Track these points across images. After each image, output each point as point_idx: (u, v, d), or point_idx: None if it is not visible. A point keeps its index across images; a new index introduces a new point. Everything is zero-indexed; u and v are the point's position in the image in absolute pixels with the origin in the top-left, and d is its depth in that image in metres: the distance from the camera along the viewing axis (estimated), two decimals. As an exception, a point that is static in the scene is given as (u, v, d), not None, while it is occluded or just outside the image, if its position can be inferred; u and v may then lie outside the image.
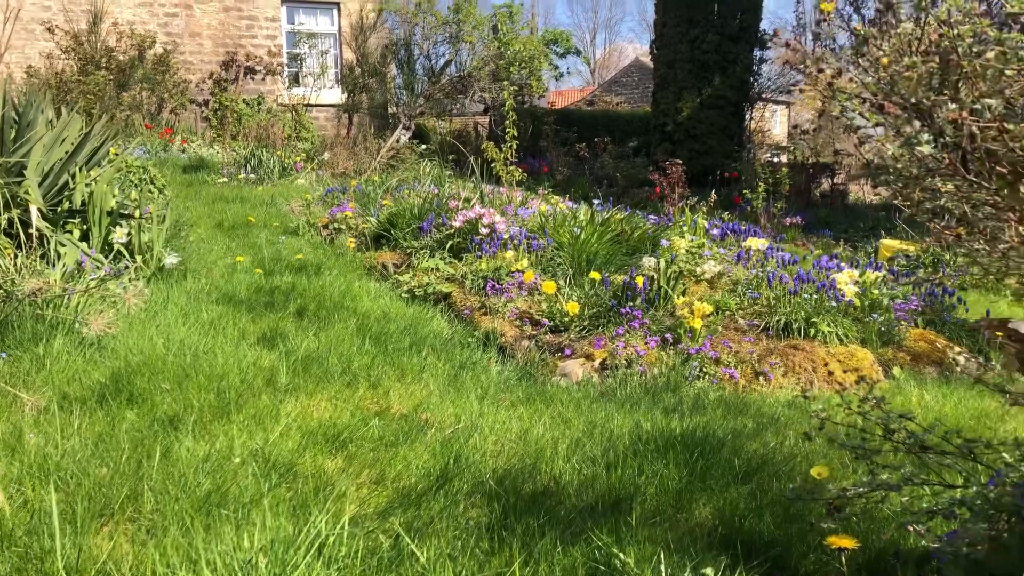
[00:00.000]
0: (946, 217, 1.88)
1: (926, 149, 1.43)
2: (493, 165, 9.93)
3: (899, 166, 1.48)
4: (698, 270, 5.38)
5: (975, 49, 1.31)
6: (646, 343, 4.25)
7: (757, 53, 16.59)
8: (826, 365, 4.62)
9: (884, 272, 5.58)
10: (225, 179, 12.17)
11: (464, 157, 12.46)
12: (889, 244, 10.33)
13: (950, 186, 1.55)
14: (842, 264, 6.02)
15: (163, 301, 4.70)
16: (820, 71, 1.62)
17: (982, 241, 1.70)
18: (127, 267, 4.87)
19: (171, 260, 5.19)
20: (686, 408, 3.66)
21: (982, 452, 2.02)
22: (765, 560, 2.22)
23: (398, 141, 14.20)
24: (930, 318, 5.44)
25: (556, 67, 34.30)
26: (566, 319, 4.61)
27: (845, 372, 4.64)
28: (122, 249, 5.09)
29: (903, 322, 5.11)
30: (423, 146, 14.71)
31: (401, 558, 2.05)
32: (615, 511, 2.47)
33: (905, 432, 2.09)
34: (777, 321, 4.87)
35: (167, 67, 14.28)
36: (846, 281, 5.28)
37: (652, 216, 8.15)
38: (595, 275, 4.72)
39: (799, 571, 2.22)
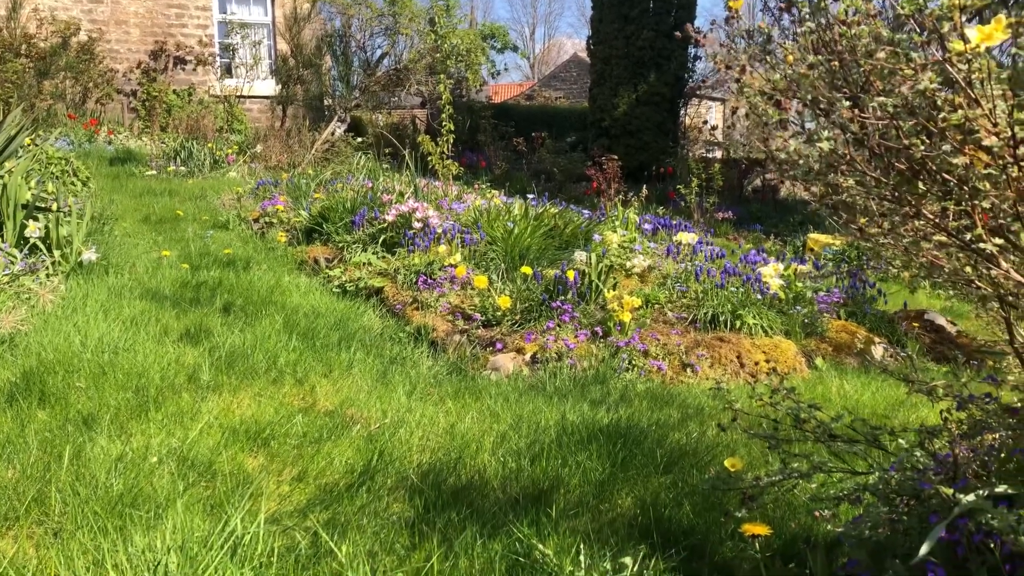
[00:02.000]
0: (854, 211, 1.94)
1: (825, 146, 1.47)
2: (430, 159, 9.89)
3: (800, 161, 1.52)
4: (628, 264, 5.44)
5: (870, 48, 1.35)
6: (576, 337, 4.28)
7: (692, 50, 16.82)
8: (751, 356, 4.72)
9: (809, 266, 5.72)
10: (154, 172, 11.86)
11: (401, 151, 12.37)
12: (817, 238, 10.60)
13: (851, 181, 1.59)
14: (769, 258, 6.16)
15: (82, 297, 4.56)
16: (728, 67, 1.65)
17: (884, 235, 1.75)
18: (44, 262, 4.71)
19: (90, 255, 5.03)
20: (613, 400, 3.70)
21: (886, 439, 2.08)
22: (683, 548, 2.25)
23: (333, 134, 14.02)
24: (852, 310, 5.60)
25: (493, 63, 34.26)
26: (498, 313, 4.61)
27: (769, 363, 4.75)
28: (38, 243, 4.91)
29: (826, 314, 5.26)
30: (359, 139, 14.55)
31: (319, 556, 2.03)
32: (538, 503, 2.48)
33: (815, 421, 2.14)
34: (705, 314, 4.96)
35: (91, 56, 13.84)
36: (771, 274, 5.40)
37: (587, 211, 8.22)
38: (527, 269, 4.73)
39: (715, 558, 2.26)
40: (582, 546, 2.14)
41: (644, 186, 12.16)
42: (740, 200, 16.00)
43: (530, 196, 7.58)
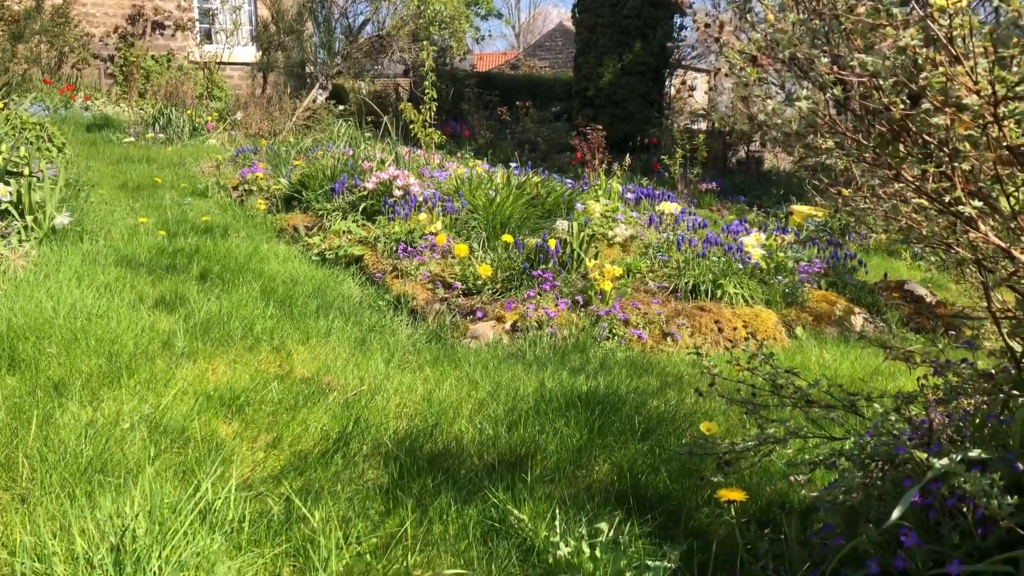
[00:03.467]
0: (834, 175, 1.91)
1: (804, 105, 1.44)
2: (412, 127, 9.79)
3: (779, 122, 1.49)
4: (610, 233, 5.41)
5: (851, 3, 1.32)
6: (556, 305, 4.26)
7: (678, 20, 16.70)
8: (731, 325, 4.72)
9: (791, 236, 5.72)
10: (132, 139, 11.69)
11: (383, 119, 12.23)
12: (800, 210, 10.60)
13: (831, 143, 1.57)
14: (751, 229, 6.15)
15: (55, 263, 4.49)
16: (707, 26, 1.61)
17: (864, 199, 1.72)
18: (15, 227, 4.62)
19: (62, 220, 4.94)
20: (593, 368, 3.69)
21: (863, 405, 2.08)
22: (659, 514, 2.25)
23: (314, 101, 13.84)
24: (832, 280, 5.61)
25: (477, 29, 33.85)
26: (479, 282, 4.58)
27: (750, 332, 4.75)
28: (10, 208, 4.82)
29: (806, 284, 5.26)
30: (340, 107, 14.39)
31: (292, 522, 2.01)
32: (515, 469, 2.47)
33: (792, 387, 2.13)
34: (686, 283, 4.95)
35: (67, 19, 13.55)
36: (753, 244, 5.40)
37: (570, 181, 8.17)
38: (508, 238, 4.69)
39: (691, 524, 2.26)
40: (558, 511, 2.13)
41: (628, 156, 12.11)
42: (724, 172, 15.99)
43: (513, 165, 7.52)
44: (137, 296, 4.14)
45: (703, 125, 17.93)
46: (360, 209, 6.09)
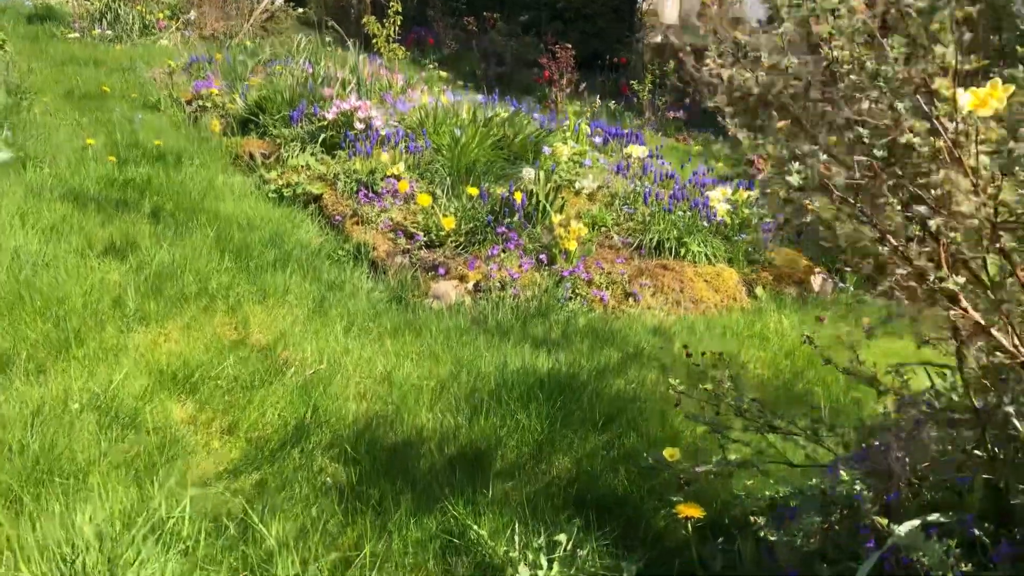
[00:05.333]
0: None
1: (795, 180, 1.38)
2: (375, 41, 9.43)
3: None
4: (577, 185, 5.32)
5: (856, 84, 1.24)
6: (520, 267, 4.20)
7: (654, -69, 16.08)
8: (694, 285, 4.73)
9: (757, 191, 5.67)
10: (77, 35, 11.08)
11: (346, 23, 11.72)
12: (765, 145, 10.57)
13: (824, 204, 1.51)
14: (716, 178, 6.09)
15: (-3, 198, 4.28)
16: None
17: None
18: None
19: (3, 156, 4.69)
20: (555, 338, 3.67)
21: (826, 434, 2.09)
22: (618, 524, 2.27)
23: (273, 2, 13.20)
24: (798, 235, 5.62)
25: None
26: (442, 233, 4.49)
27: (710, 292, 4.77)
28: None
29: (770, 242, 5.25)
30: (300, 9, 13.79)
31: (247, 538, 1.98)
32: (475, 468, 2.47)
33: (756, 410, 2.13)
34: (651, 240, 4.91)
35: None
36: (719, 199, 5.35)
37: (539, 116, 7.96)
38: (473, 190, 4.57)
39: (649, 533, 2.29)
40: (516, 524, 2.14)
41: (598, 77, 11.84)
42: (694, 97, 15.79)
43: (480, 98, 7.30)
44: (86, 240, 3.97)
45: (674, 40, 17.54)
46: (319, 141, 5.88)
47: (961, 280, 1.43)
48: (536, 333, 3.73)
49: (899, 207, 1.45)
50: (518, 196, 4.60)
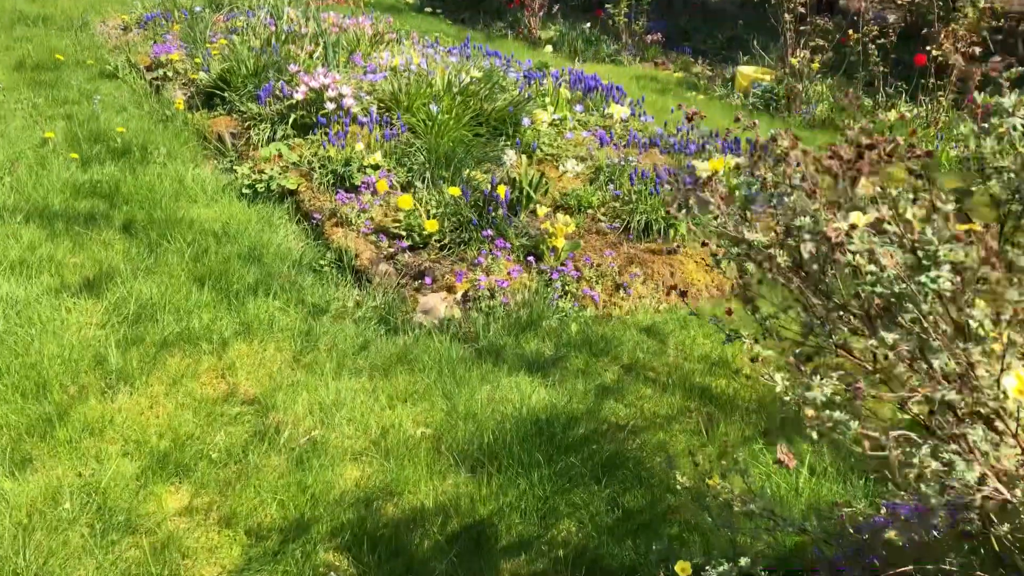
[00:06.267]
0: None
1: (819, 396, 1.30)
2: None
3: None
4: (561, 168, 5.16)
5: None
6: (509, 274, 4.10)
7: None
8: (683, 268, 4.65)
9: (743, 158, 5.52)
10: (19, -19, 10.48)
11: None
12: (745, 72, 10.30)
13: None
14: (699, 136, 5.92)
15: (-41, 229, 4.10)
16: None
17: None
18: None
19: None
20: (548, 356, 3.61)
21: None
22: (625, 606, 2.27)
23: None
24: (783, 200, 5.52)
25: None
26: (424, 233, 4.36)
27: (701, 274, 4.70)
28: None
29: (758, 214, 5.15)
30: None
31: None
32: (479, 545, 2.45)
33: (765, 514, 2.10)
34: (638, 222, 4.81)
35: None
36: (706, 169, 5.22)
37: (504, 56, 7.67)
38: (454, 191, 4.41)
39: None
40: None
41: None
42: (669, 10, 15.30)
43: (452, 57, 6.99)
44: (58, 277, 3.83)
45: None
46: (290, 122, 5.65)
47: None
48: (530, 350, 3.66)
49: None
50: (501, 191, 4.45)
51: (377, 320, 3.80)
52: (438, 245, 4.39)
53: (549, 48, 12.05)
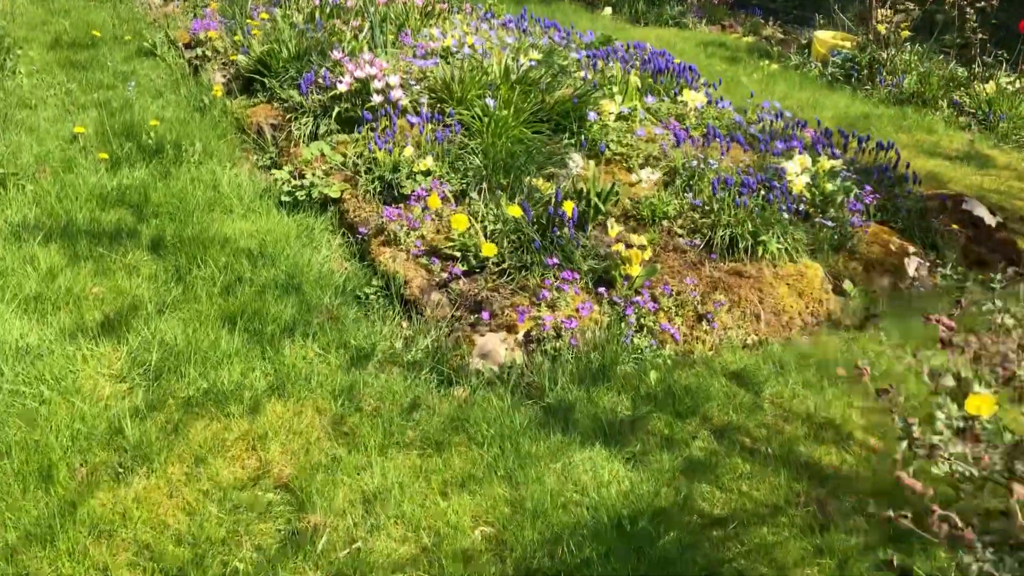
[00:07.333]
0: None
1: None
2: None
3: None
4: (633, 177, 4.60)
5: None
6: (577, 310, 3.59)
7: None
8: (774, 291, 4.10)
9: (840, 162, 4.89)
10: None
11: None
12: (823, 38, 9.47)
13: None
14: (791, 151, 5.30)
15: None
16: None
17: None
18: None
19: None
20: (625, 417, 3.13)
21: None
22: None
23: None
24: (882, 203, 4.89)
25: None
26: (482, 256, 3.87)
27: (794, 298, 4.14)
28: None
29: (857, 224, 4.55)
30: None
31: None
32: None
33: None
34: (721, 237, 4.25)
35: None
36: (795, 172, 4.62)
37: (563, 29, 7.03)
38: (515, 211, 3.88)
39: None
40: None
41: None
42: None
43: (508, 23, 6.40)
44: (77, 315, 3.44)
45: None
46: (334, 115, 5.17)
47: None
48: (604, 406, 3.18)
49: None
50: (568, 208, 3.93)
51: (429, 368, 3.34)
52: (496, 269, 3.89)
53: (608, 10, 11.31)
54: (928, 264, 4.61)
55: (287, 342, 3.37)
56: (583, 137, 4.89)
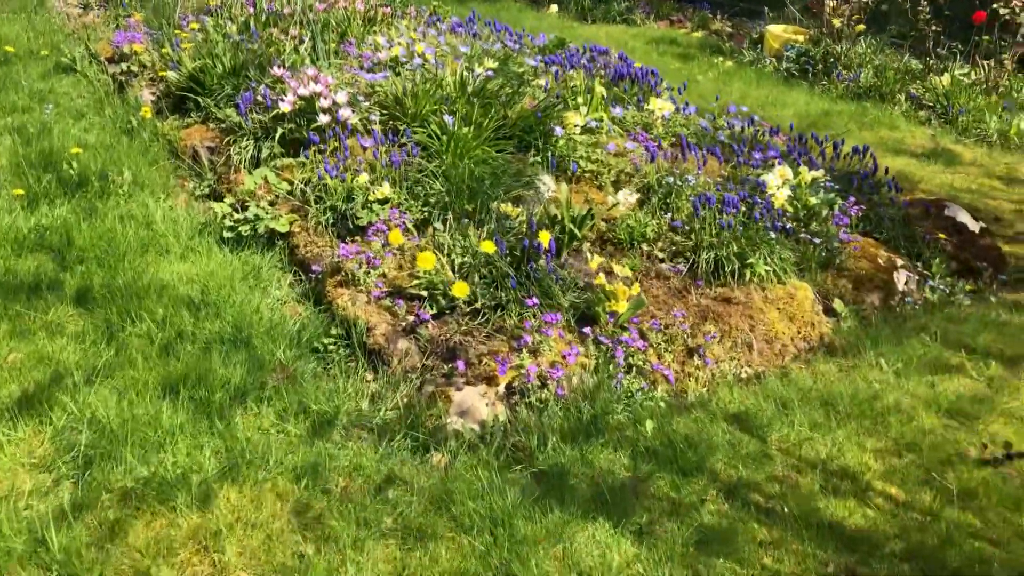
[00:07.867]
0: None
1: None
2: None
3: None
4: (610, 200, 4.27)
5: None
6: (563, 357, 3.25)
7: None
8: (765, 317, 3.83)
9: (821, 172, 4.64)
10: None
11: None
12: (776, 32, 9.27)
13: None
14: (771, 163, 5.04)
15: None
16: None
17: None
18: None
19: None
20: (623, 477, 2.81)
21: None
22: None
23: None
24: (864, 212, 4.65)
25: None
26: (451, 295, 3.50)
27: (785, 323, 3.87)
28: None
29: (843, 238, 4.30)
30: None
31: None
32: None
33: None
34: (706, 260, 3.96)
35: None
36: (777, 184, 4.36)
37: (514, 32, 6.68)
38: (488, 246, 3.50)
39: None
40: None
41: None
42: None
43: (454, 25, 6.02)
44: (-11, 390, 2.98)
45: None
46: (277, 137, 4.74)
47: None
48: (600, 466, 2.86)
49: None
50: (545, 238, 3.59)
51: (401, 433, 2.97)
52: (468, 309, 3.53)
53: (554, 8, 11.00)
54: (916, 277, 4.39)
55: (239, 411, 2.97)
56: (550, 154, 4.55)
